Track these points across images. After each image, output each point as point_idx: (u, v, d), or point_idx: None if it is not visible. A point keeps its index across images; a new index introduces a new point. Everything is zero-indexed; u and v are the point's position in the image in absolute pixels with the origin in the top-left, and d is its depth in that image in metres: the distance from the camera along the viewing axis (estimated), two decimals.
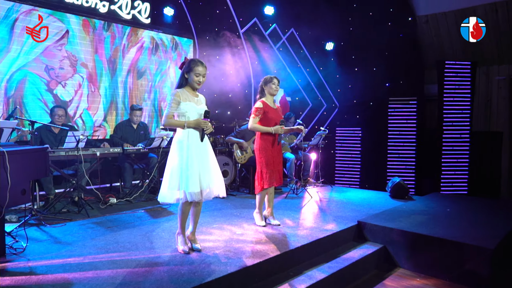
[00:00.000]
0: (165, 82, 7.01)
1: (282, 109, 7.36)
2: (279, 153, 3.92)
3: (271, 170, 3.82)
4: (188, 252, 3.07)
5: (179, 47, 7.20)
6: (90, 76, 6.01)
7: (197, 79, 3.04)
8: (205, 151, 3.07)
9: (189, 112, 3.00)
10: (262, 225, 3.86)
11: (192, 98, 3.07)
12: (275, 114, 3.87)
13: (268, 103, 3.87)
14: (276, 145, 3.85)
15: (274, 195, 4.07)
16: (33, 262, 2.86)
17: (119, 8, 6.26)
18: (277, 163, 3.89)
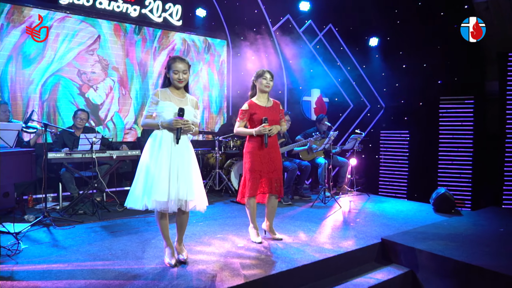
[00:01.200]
0: (197, 84, 6.93)
1: (318, 110, 6.91)
2: (272, 159, 3.41)
3: (255, 177, 3.36)
4: (174, 265, 2.83)
5: (212, 49, 7.09)
6: (121, 80, 6.11)
7: (176, 76, 2.79)
8: (180, 156, 2.77)
9: (165, 112, 2.75)
10: (257, 242, 3.42)
11: (174, 98, 2.82)
12: (267, 114, 3.37)
13: (258, 102, 3.43)
14: (266, 145, 3.31)
15: (275, 208, 3.59)
16: (18, 266, 2.82)
17: (150, 11, 6.29)
18: (268, 170, 3.38)
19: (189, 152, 2.85)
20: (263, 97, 3.44)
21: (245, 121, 3.41)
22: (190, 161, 2.83)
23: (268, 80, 3.38)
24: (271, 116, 3.38)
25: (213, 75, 7.14)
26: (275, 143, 3.48)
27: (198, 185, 2.86)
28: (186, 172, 2.78)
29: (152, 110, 2.79)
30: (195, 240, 3.49)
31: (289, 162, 5.37)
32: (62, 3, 5.50)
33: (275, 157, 3.44)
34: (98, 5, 5.79)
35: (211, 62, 7.10)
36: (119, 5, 5.99)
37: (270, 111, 3.43)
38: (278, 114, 3.49)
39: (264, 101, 3.44)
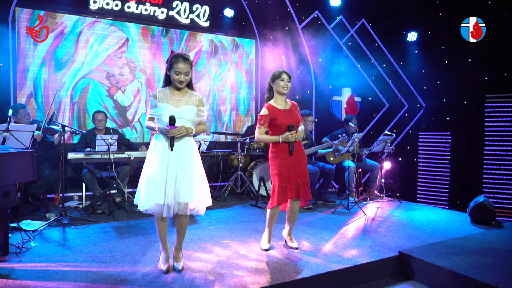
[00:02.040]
0: (224, 85, 6.87)
1: (350, 110, 6.55)
2: (298, 163, 3.23)
3: (284, 184, 3.19)
4: (167, 271, 2.75)
5: (240, 49, 6.99)
6: (148, 82, 6.21)
7: (178, 77, 2.68)
8: (179, 158, 2.68)
9: (163, 116, 2.67)
10: (265, 249, 3.26)
11: (172, 99, 2.72)
12: (287, 117, 3.20)
13: (277, 105, 3.23)
14: (291, 154, 3.16)
15: (296, 213, 3.39)
16: (20, 264, 2.89)
17: (177, 13, 6.33)
18: (295, 175, 3.21)
19: (190, 153, 2.74)
20: (281, 100, 3.24)
21: (266, 127, 3.21)
22: (191, 162, 2.73)
23: (286, 82, 3.17)
24: (293, 120, 3.19)
25: (241, 76, 7.05)
26: (300, 145, 3.30)
27: (200, 187, 2.74)
28: (186, 174, 2.68)
29: (152, 113, 2.73)
30: (197, 245, 3.40)
31: (311, 165, 5.11)
32: (92, 9, 5.70)
33: (301, 160, 3.25)
34: (127, 9, 5.93)
35: (239, 62, 7.01)
36: (146, 8, 6.09)
37: (290, 114, 3.22)
38: (298, 115, 3.29)
39: (282, 103, 3.24)
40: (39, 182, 4.41)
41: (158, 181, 2.62)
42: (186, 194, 2.66)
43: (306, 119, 5.20)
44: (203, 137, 5.03)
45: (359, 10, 6.55)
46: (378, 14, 6.57)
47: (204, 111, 2.92)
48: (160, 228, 2.78)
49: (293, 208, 3.35)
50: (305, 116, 5.21)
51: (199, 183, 2.76)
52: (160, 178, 2.61)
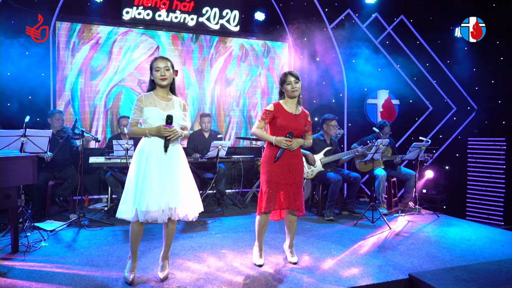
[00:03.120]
0: (255, 89, 6.77)
1: (387, 114, 6.09)
2: (291, 171, 3.00)
3: (273, 191, 2.98)
4: (131, 282, 2.66)
5: (272, 52, 6.85)
6: (178, 87, 6.32)
7: (158, 73, 2.66)
8: (169, 163, 2.63)
9: (151, 119, 2.63)
10: (258, 264, 3.05)
11: (160, 102, 2.68)
12: (290, 121, 3.00)
13: (286, 106, 3.05)
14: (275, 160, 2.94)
15: (295, 224, 3.18)
16: (21, 263, 3.03)
17: (207, 19, 6.38)
18: (286, 182, 2.99)
19: (178, 158, 2.70)
20: (291, 103, 3.06)
21: (266, 123, 3.06)
22: (179, 168, 2.68)
23: (293, 84, 2.99)
24: (295, 125, 2.99)
25: (273, 80, 6.89)
26: (298, 154, 3.07)
27: (189, 192, 2.69)
28: (175, 180, 2.63)
29: (137, 118, 2.68)
30: (194, 254, 3.31)
31: (333, 173, 4.79)
32: (125, 19, 5.95)
33: (296, 168, 3.03)
34: (157, 17, 6.10)
35: (270, 66, 6.87)
36: (177, 16, 6.21)
37: (296, 119, 3.02)
38: (304, 125, 3.06)
39: (292, 107, 3.05)
40: (65, 184, 4.66)
41: (151, 189, 2.55)
42: (175, 200, 2.60)
43: (329, 124, 4.90)
44: (221, 142, 4.95)
45: (397, 6, 6.06)
46: (420, 9, 6.02)
47: (188, 117, 2.87)
48: (135, 235, 2.69)
49: (290, 220, 3.14)
50: (328, 120, 4.91)
51: (188, 189, 2.69)
52: (154, 186, 2.55)
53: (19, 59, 5.15)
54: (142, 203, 2.54)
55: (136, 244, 2.73)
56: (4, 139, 3.56)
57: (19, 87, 5.24)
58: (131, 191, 2.61)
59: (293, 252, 3.18)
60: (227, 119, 6.62)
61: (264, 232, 3.13)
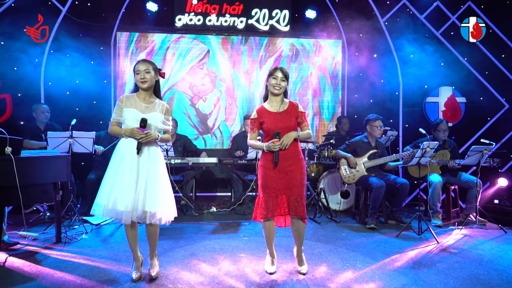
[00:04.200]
0: (306, 89, 6.58)
1: (450, 114, 5.47)
2: (288, 173, 2.80)
3: (270, 196, 2.81)
4: (136, 280, 2.73)
5: (324, 51, 6.58)
6: (227, 90, 6.43)
7: (138, 76, 2.70)
8: (144, 165, 2.65)
9: (128, 120, 2.68)
10: (269, 272, 2.90)
11: (140, 104, 2.72)
12: (276, 121, 2.81)
13: (269, 107, 2.88)
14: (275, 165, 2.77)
15: (302, 231, 2.93)
16: (57, 253, 3.32)
17: (257, 21, 6.37)
18: (284, 187, 2.80)
19: (155, 160, 2.71)
20: (275, 101, 2.91)
21: (256, 132, 2.95)
22: (156, 170, 2.69)
23: (279, 80, 2.83)
24: (282, 123, 2.82)
25: (325, 79, 6.62)
26: (294, 153, 2.86)
27: (165, 195, 2.69)
28: (151, 182, 2.64)
29: (117, 117, 2.74)
30: (211, 255, 3.31)
31: (376, 178, 4.40)
32: (177, 26, 6.24)
33: (293, 170, 2.83)
34: (208, 22, 6.27)
35: (322, 65, 6.60)
36: (226, 20, 6.32)
37: (282, 117, 2.84)
38: (293, 118, 2.86)
39: (276, 105, 2.90)
40: None
41: (121, 188, 2.59)
42: (150, 203, 2.61)
43: (373, 124, 4.52)
44: None
45: None
46: None
47: (170, 121, 2.87)
48: (129, 236, 2.78)
49: (295, 227, 2.94)
50: (372, 121, 4.54)
51: (164, 193, 2.69)
52: (124, 186, 2.59)
53: (86, 68, 5.70)
54: (109, 201, 2.58)
55: (133, 244, 2.79)
56: (53, 141, 3.96)
57: (86, 93, 5.80)
58: (105, 190, 2.64)
59: (302, 261, 2.98)
60: None
61: (272, 238, 2.98)
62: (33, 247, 3.50)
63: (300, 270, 2.91)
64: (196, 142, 6.34)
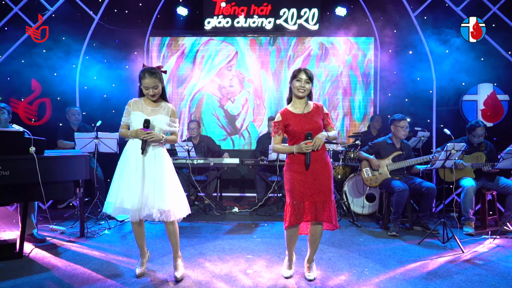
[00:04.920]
0: (336, 89, 6.40)
1: (490, 113, 5.07)
2: (316, 178, 2.71)
3: (297, 202, 2.73)
4: (138, 275, 2.82)
5: (355, 49, 6.37)
6: (255, 91, 6.44)
7: (147, 92, 2.74)
8: (150, 166, 2.73)
9: (134, 122, 2.76)
10: (285, 276, 2.85)
11: (146, 108, 2.80)
12: (302, 123, 2.73)
13: (293, 109, 2.79)
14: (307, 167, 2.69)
15: (318, 237, 2.85)
16: (78, 246, 3.55)
17: (285, 21, 6.33)
18: (312, 192, 2.70)
19: (161, 160, 2.78)
20: (299, 103, 2.81)
21: (281, 135, 2.85)
22: (163, 169, 2.76)
23: (303, 83, 2.72)
24: (309, 125, 2.72)
25: (356, 78, 6.39)
26: (322, 156, 2.76)
27: (174, 193, 2.75)
28: (158, 181, 2.72)
29: (126, 120, 2.84)
30: (218, 255, 3.34)
31: (399, 181, 4.17)
32: (207, 29, 6.37)
33: (320, 174, 2.72)
34: (236, 24, 6.33)
35: (353, 63, 6.39)
36: (254, 21, 6.34)
37: (307, 118, 2.75)
38: (319, 120, 2.77)
39: (300, 107, 2.79)
40: None
41: (127, 187, 2.68)
42: (159, 201, 2.68)
43: (398, 125, 4.29)
44: None
45: None
46: None
47: (176, 123, 2.90)
48: (136, 233, 2.87)
49: (313, 232, 2.85)
50: (397, 121, 4.31)
51: (173, 191, 2.74)
52: (130, 184, 2.68)
53: (121, 73, 6.01)
54: (117, 200, 2.68)
55: (139, 240, 2.89)
56: (81, 141, 4.22)
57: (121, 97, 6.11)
58: (112, 188, 2.76)
59: (311, 268, 2.89)
60: None
61: (294, 243, 2.91)
62: (59, 240, 3.76)
63: (307, 277, 2.81)
64: (224, 143, 6.44)
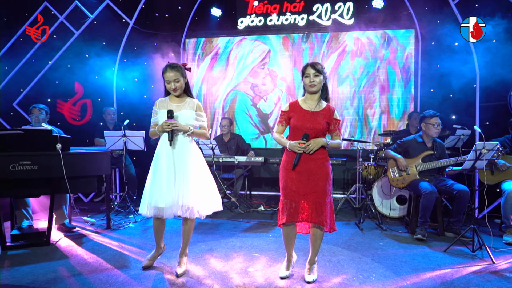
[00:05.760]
0: (373, 85, 6.10)
1: None
2: (310, 177, 2.62)
3: (291, 200, 2.66)
4: (144, 267, 2.92)
5: (393, 42, 6.03)
6: (288, 89, 6.37)
7: (169, 86, 2.82)
8: (179, 161, 2.77)
9: (160, 120, 2.83)
10: (281, 276, 2.78)
11: (171, 105, 2.86)
12: (305, 119, 2.65)
13: (303, 104, 2.72)
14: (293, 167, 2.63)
15: (319, 239, 2.74)
16: (101, 237, 3.78)
17: (318, 16, 6.17)
18: (305, 192, 2.62)
19: (190, 156, 2.81)
20: (311, 99, 2.73)
21: (284, 125, 2.81)
22: (191, 165, 2.78)
23: (312, 77, 2.64)
24: (311, 124, 2.64)
25: (395, 73, 6.03)
26: (319, 156, 2.66)
27: (200, 190, 2.79)
28: (185, 177, 2.75)
29: (155, 120, 2.93)
30: (225, 252, 3.35)
31: (427, 183, 3.86)
32: (240, 28, 6.42)
33: (316, 173, 2.64)
34: (269, 22, 6.31)
35: (391, 58, 6.03)
36: (287, 18, 6.26)
37: (313, 117, 2.65)
38: (324, 122, 2.66)
39: (312, 103, 2.71)
40: None
41: (160, 186, 2.75)
42: (186, 197, 2.73)
43: (429, 122, 3.98)
44: None
45: None
46: None
47: (203, 117, 2.93)
48: (156, 229, 2.95)
49: (313, 232, 2.76)
50: (427, 118, 3.99)
51: (199, 187, 2.78)
52: (162, 183, 2.75)
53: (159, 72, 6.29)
54: (151, 200, 2.77)
55: (158, 236, 2.97)
56: (110, 139, 4.49)
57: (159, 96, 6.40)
58: (145, 189, 2.86)
59: (312, 270, 2.79)
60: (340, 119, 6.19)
61: (292, 243, 2.86)
62: (87, 231, 4.03)
63: (306, 278, 2.72)
64: (257, 142, 6.44)
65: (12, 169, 3.31)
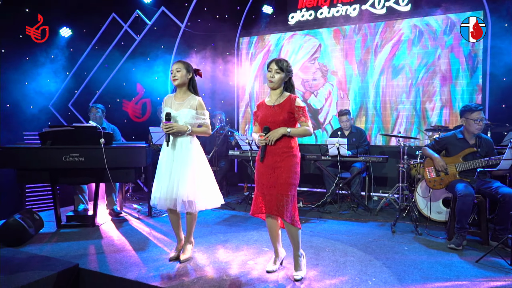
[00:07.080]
0: (433, 76, 5.56)
1: None
2: (274, 169, 2.63)
3: (257, 193, 2.76)
4: (170, 259, 3.08)
5: (457, 27, 5.39)
6: (339, 83, 6.16)
7: (171, 76, 3.03)
8: (177, 157, 2.96)
9: (163, 118, 3.07)
10: (268, 270, 2.80)
11: (174, 103, 3.05)
12: (267, 115, 2.70)
13: (268, 101, 2.78)
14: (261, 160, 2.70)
15: (294, 234, 2.69)
16: (138, 223, 4.21)
17: (371, 5, 5.85)
18: (269, 184, 2.65)
19: (188, 151, 2.97)
20: (273, 94, 2.77)
21: (257, 124, 2.89)
22: (189, 161, 2.95)
23: (273, 73, 2.69)
24: (271, 118, 2.68)
25: (459, 62, 5.38)
26: (284, 149, 2.65)
27: (200, 185, 2.95)
28: (184, 173, 2.92)
29: (162, 117, 3.11)
30: (237, 245, 3.46)
31: (464, 184, 3.41)
32: (290, 24, 6.41)
33: (280, 167, 2.65)
34: (319, 16, 6.17)
35: (455, 45, 5.39)
36: (338, 10, 6.05)
37: (274, 111, 2.69)
38: (284, 113, 2.65)
39: (274, 98, 2.76)
40: (217, 171, 5.69)
41: (160, 177, 3.01)
42: (185, 192, 2.90)
43: (469, 117, 3.52)
44: (338, 139, 4.53)
45: None
46: None
47: (205, 114, 3.05)
48: (171, 221, 3.17)
49: (286, 229, 2.76)
50: (468, 112, 3.54)
51: (198, 182, 2.94)
52: (160, 175, 3.00)
53: (215, 72, 6.66)
54: (156, 192, 3.02)
55: (175, 227, 3.17)
56: (155, 135, 4.92)
57: (214, 94, 6.77)
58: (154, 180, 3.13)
59: (298, 266, 2.73)
60: (395, 113, 5.79)
61: (274, 236, 2.86)
62: (130, 217, 4.51)
63: (293, 276, 2.70)
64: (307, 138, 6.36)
65: (64, 160, 3.88)
